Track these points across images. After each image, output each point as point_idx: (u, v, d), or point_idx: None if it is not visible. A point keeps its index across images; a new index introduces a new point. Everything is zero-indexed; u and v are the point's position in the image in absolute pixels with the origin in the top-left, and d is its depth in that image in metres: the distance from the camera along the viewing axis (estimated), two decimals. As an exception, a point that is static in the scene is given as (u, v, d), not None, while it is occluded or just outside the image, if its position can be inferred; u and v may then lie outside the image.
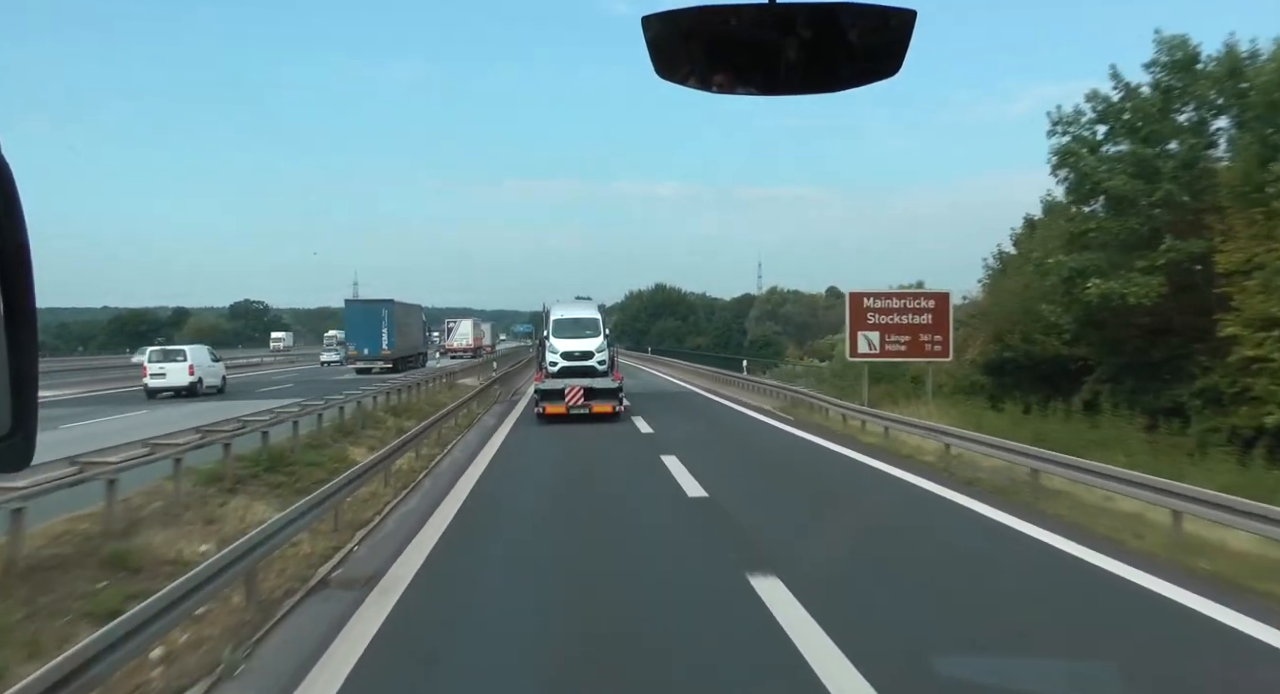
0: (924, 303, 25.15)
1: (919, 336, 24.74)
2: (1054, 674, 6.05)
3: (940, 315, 24.99)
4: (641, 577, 8.80)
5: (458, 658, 6.40)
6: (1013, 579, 8.71)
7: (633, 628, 7.08)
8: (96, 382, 40.10)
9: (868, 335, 24.92)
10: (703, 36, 1.91)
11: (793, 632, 6.56)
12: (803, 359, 53.27)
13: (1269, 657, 6.24)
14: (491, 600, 7.91)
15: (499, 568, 9.31)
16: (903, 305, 25.09)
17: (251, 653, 6.44)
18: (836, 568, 8.79)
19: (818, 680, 5.61)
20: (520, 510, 12.66)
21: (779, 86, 1.95)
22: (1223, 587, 7.85)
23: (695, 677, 6.04)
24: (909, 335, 24.82)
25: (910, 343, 24.81)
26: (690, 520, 11.65)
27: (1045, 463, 12.73)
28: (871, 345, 24.91)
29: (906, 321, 24.85)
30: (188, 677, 5.93)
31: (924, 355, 25.15)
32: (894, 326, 24.90)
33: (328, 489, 9.89)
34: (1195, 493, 9.75)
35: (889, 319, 24.91)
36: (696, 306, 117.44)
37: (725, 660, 6.28)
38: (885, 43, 1.91)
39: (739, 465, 16.92)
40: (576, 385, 24.15)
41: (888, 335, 24.83)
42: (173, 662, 6.14)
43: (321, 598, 7.94)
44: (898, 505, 12.64)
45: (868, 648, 6.18)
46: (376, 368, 43.51)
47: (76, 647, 4.72)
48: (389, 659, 6.30)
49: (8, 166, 1.23)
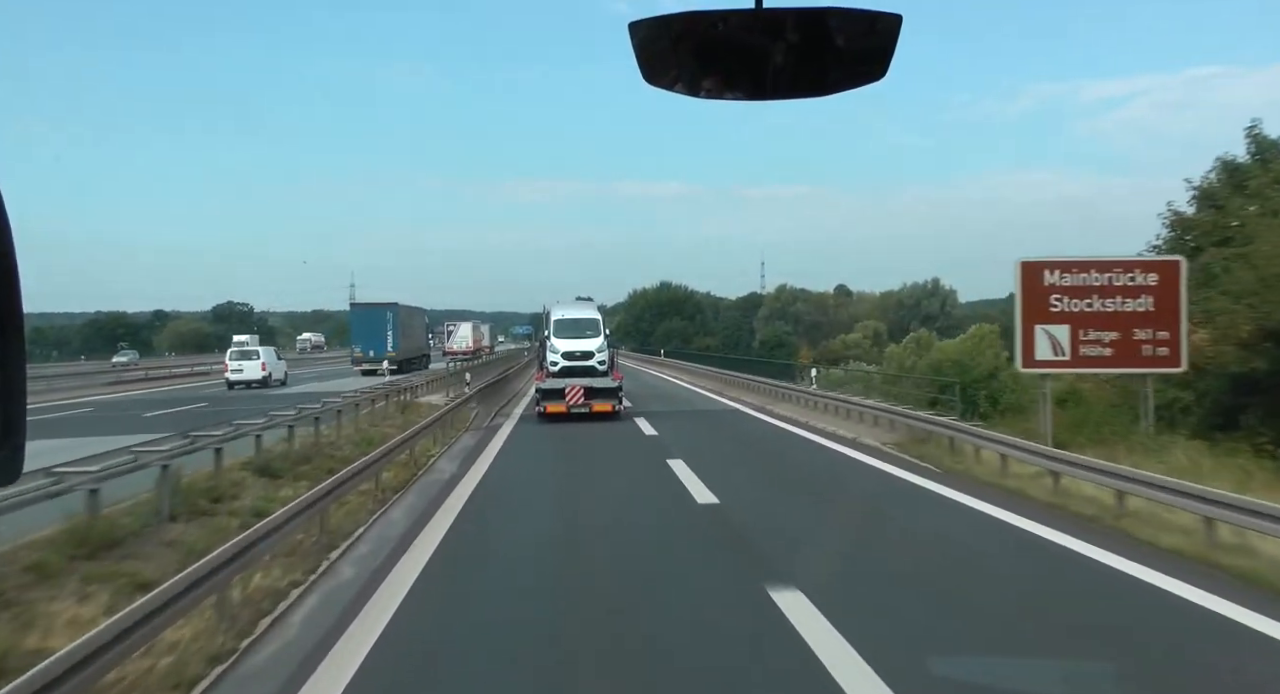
0: (1140, 277, 16.68)
1: (1131, 333, 16.49)
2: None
3: (1167, 298, 16.47)
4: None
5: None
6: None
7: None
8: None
9: (1051, 332, 16.65)
10: (691, 41, 1.92)
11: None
12: (840, 364, 48.75)
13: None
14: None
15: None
16: (1106, 282, 16.64)
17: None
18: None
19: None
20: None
21: (767, 91, 1.96)
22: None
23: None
24: (1118, 331, 16.53)
25: (1120, 344, 16.52)
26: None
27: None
28: (1058, 347, 16.63)
29: (1114, 308, 16.57)
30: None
31: (1141, 363, 16.76)
32: (1094, 317, 16.59)
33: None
34: None
35: (1085, 304, 16.62)
36: (703, 305, 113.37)
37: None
38: (872, 47, 1.93)
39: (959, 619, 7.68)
40: (577, 385, 24.39)
41: (1084, 331, 16.58)
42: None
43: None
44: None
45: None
46: (381, 369, 43.96)
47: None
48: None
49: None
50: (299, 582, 8.39)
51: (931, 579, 8.57)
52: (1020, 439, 14.85)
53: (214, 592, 6.84)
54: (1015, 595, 8.14)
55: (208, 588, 6.67)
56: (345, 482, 11.32)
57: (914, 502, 12.83)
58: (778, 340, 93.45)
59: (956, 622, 7.30)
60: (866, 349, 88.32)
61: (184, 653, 6.26)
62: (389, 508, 12.42)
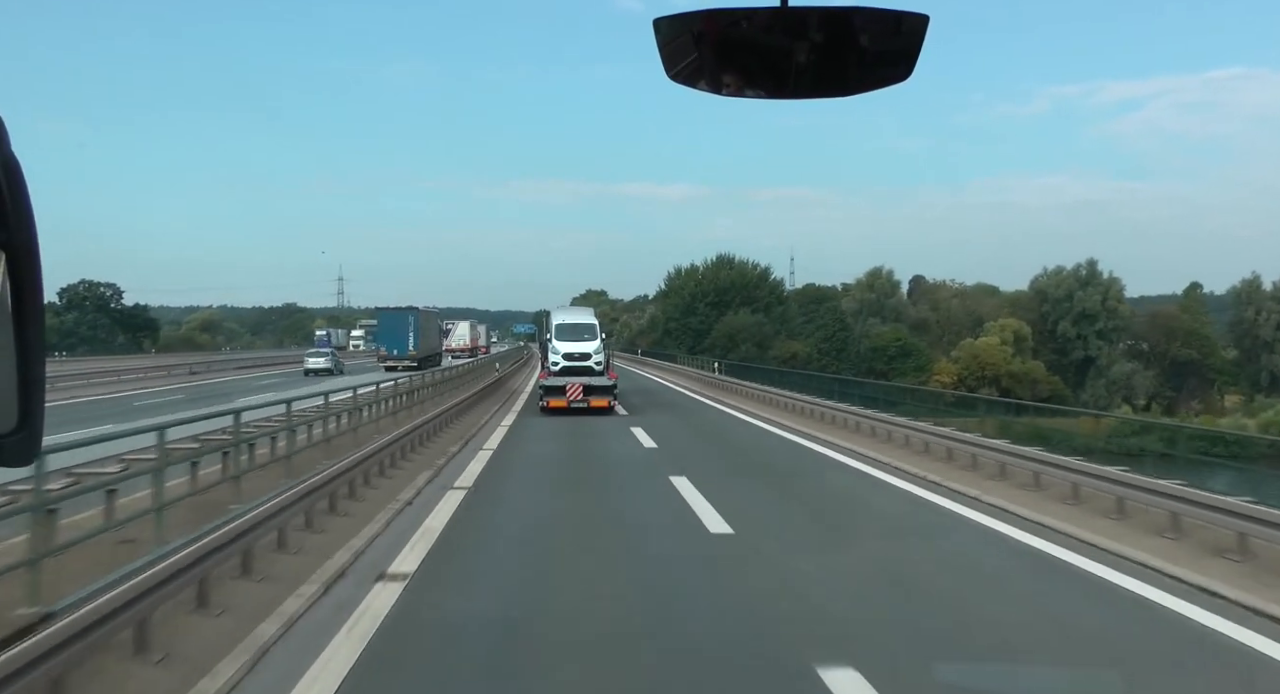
0: None
1: None
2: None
3: None
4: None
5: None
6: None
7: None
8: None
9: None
10: (714, 39, 1.91)
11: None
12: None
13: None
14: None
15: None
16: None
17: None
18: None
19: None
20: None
21: (789, 90, 1.95)
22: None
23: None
24: None
25: None
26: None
27: None
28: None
29: None
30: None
31: None
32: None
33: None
34: None
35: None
36: (780, 291, 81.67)
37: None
38: (897, 48, 1.91)
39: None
40: (576, 383, 27.15)
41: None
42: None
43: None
44: None
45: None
46: (401, 366, 47.41)
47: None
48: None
49: (18, 164, 1.23)
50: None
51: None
52: None
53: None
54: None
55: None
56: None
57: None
58: (900, 346, 69.99)
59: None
60: (1008, 358, 70.23)
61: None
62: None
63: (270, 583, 8.12)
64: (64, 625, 5.23)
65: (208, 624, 6.91)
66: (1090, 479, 12.21)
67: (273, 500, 9.28)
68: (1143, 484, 11.12)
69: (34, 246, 1.24)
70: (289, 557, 9.11)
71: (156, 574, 6.26)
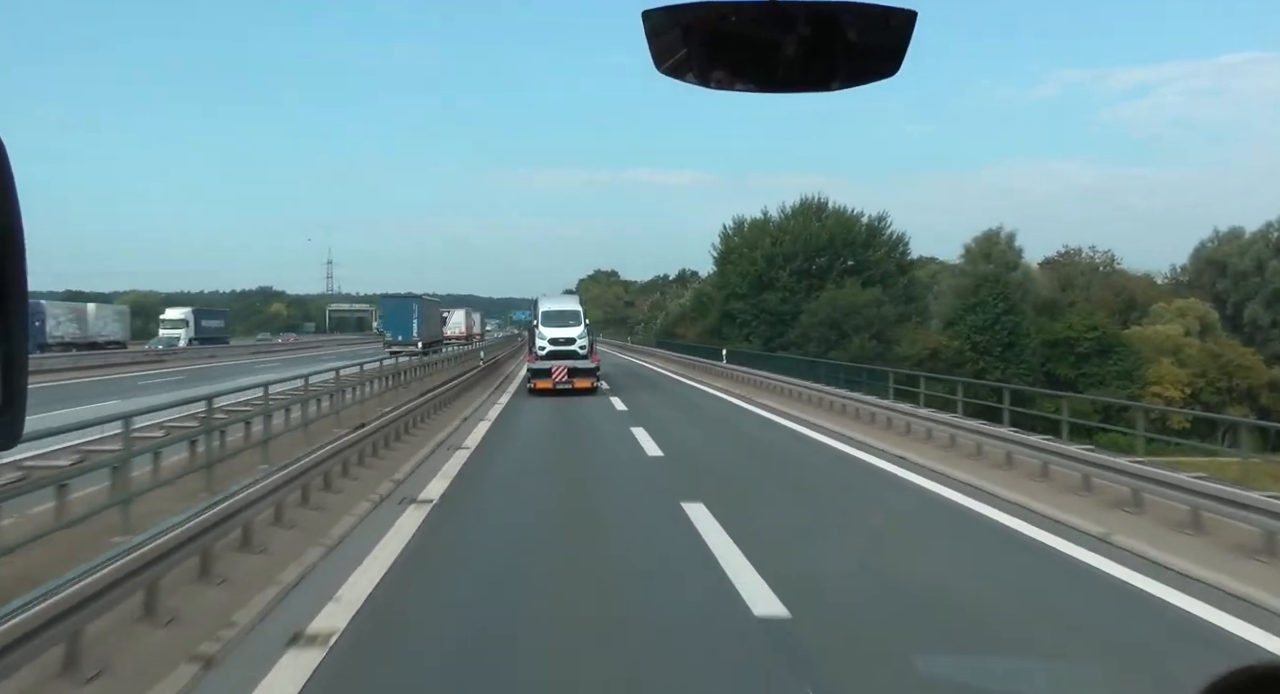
0: None
1: None
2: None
3: None
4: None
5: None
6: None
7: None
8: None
9: None
10: (703, 31, 1.92)
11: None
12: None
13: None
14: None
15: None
16: None
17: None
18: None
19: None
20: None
21: (777, 84, 1.96)
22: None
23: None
24: None
25: None
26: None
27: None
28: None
29: None
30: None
31: None
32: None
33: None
34: None
35: None
36: (900, 251, 55.90)
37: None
38: (885, 43, 1.92)
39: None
40: (561, 366, 29.05)
41: None
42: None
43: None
44: None
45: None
46: (406, 352, 49.01)
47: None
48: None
49: (2, 146, 1.24)
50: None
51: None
52: None
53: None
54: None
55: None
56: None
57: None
58: (1098, 341, 45.58)
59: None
60: (1194, 352, 48.62)
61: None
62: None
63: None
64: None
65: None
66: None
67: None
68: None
69: (18, 229, 1.25)
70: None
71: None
